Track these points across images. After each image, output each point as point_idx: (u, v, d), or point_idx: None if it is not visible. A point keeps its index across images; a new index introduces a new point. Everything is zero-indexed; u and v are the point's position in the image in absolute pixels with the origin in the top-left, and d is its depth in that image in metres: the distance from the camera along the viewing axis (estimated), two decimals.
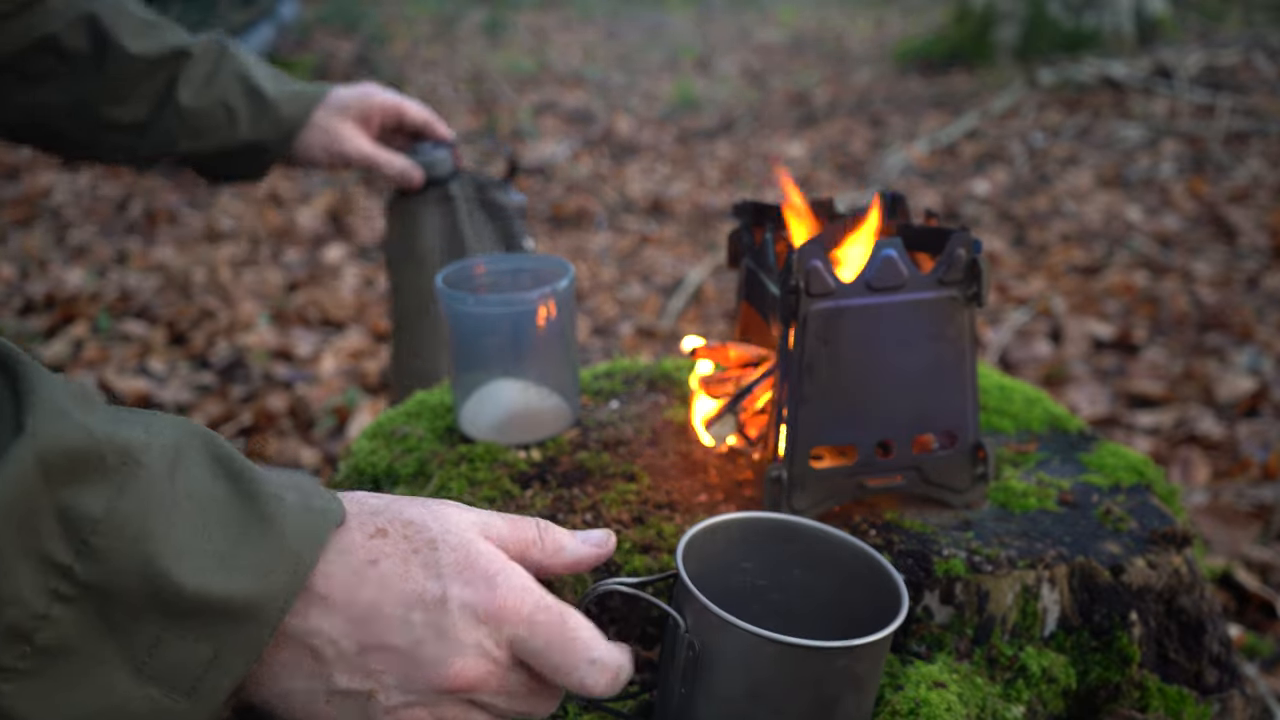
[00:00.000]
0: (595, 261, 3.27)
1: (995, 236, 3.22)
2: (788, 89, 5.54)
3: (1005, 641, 0.83)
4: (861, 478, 0.89)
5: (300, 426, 2.23)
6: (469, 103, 5.24)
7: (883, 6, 8.21)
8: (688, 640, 0.66)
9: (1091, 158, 3.89)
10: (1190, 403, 2.14)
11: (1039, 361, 2.37)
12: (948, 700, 0.75)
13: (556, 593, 0.80)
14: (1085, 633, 0.84)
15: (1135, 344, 2.43)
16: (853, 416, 0.87)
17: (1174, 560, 0.87)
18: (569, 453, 0.99)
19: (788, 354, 0.86)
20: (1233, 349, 2.36)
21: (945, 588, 0.83)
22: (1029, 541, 0.86)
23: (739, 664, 0.65)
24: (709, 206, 3.72)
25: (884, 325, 0.85)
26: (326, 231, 3.49)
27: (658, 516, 0.88)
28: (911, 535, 0.87)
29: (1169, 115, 4.22)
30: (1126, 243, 3.07)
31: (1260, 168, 3.59)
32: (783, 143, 4.43)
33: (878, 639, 0.65)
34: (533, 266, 1.05)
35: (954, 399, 0.88)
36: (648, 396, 1.11)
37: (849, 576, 0.74)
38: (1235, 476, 1.84)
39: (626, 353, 2.54)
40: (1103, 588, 0.84)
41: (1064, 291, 2.75)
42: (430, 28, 7.45)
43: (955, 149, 4.20)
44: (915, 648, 0.82)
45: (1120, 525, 0.89)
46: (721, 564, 0.74)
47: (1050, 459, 1.00)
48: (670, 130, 4.78)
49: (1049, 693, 0.82)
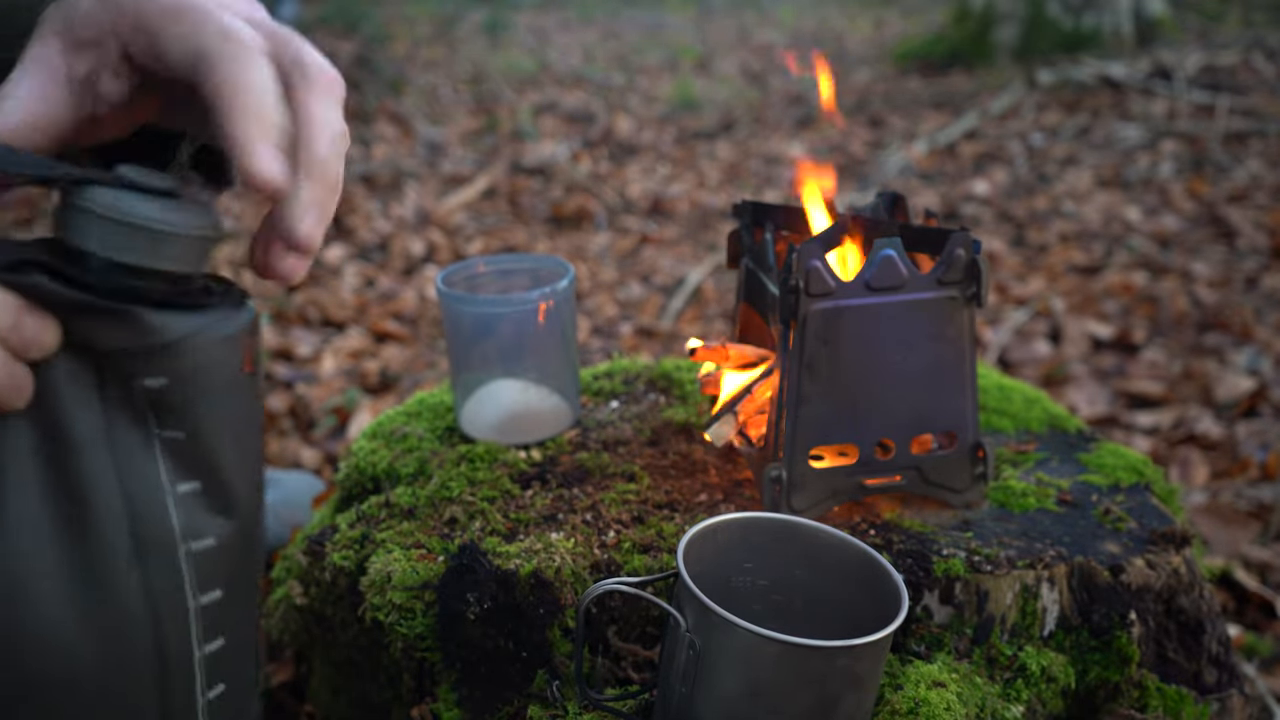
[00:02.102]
0: (595, 261, 3.28)
1: (994, 237, 3.23)
2: (787, 89, 5.54)
3: (1005, 641, 0.83)
4: (861, 477, 0.89)
5: (301, 426, 2.23)
6: (469, 103, 5.25)
7: (882, 7, 8.21)
8: (688, 640, 0.67)
9: (1091, 158, 3.89)
10: (1189, 403, 2.14)
11: (1038, 361, 2.37)
12: (947, 700, 0.75)
13: (552, 591, 0.80)
14: (1084, 632, 0.84)
15: (1134, 344, 2.43)
16: (852, 416, 0.87)
17: (1173, 560, 0.87)
18: (569, 453, 0.99)
19: (787, 354, 0.86)
20: (1232, 349, 2.36)
21: (945, 587, 0.83)
22: (1028, 541, 0.87)
23: (740, 663, 0.65)
24: (709, 206, 3.73)
25: (884, 325, 0.85)
26: (327, 231, 3.49)
27: (658, 516, 0.88)
28: (911, 535, 0.87)
29: (1168, 116, 4.22)
30: (1126, 243, 3.07)
31: (1259, 168, 3.59)
32: (782, 143, 4.44)
33: (878, 638, 0.65)
34: (532, 266, 1.05)
35: (953, 399, 0.88)
36: (648, 396, 1.12)
37: (849, 576, 0.74)
38: (1234, 476, 1.84)
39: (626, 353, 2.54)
40: (1102, 587, 0.84)
41: (1063, 291, 2.75)
42: (430, 28, 7.45)
43: (955, 149, 4.20)
44: (915, 647, 0.82)
45: (1119, 525, 0.90)
46: (722, 564, 0.75)
47: (1049, 459, 1.00)
48: (670, 130, 4.78)
49: (1048, 692, 0.82)
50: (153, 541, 0.50)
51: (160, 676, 0.52)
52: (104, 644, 0.50)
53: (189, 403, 0.51)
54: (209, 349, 0.51)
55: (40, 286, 0.46)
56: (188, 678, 0.53)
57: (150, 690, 0.52)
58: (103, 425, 0.49)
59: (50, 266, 0.47)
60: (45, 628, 0.48)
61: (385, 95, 5.01)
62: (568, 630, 0.80)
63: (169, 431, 0.51)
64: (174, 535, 0.51)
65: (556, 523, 0.87)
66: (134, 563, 0.50)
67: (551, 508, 0.90)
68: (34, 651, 0.48)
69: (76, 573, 0.49)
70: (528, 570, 0.80)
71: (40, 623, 0.48)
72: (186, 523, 0.52)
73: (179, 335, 0.50)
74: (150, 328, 0.49)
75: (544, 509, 0.90)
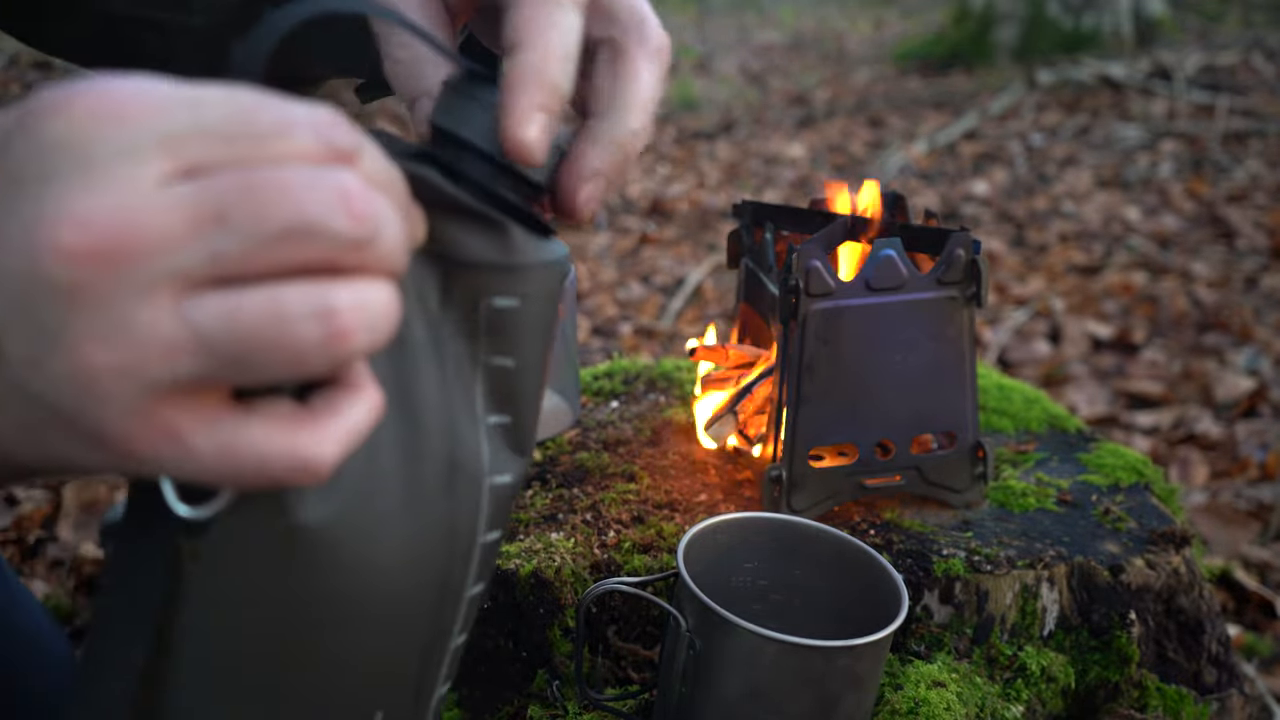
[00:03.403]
0: (595, 261, 3.27)
1: (994, 237, 3.23)
2: (787, 89, 5.54)
3: (1004, 641, 0.83)
4: (861, 477, 0.89)
5: None
6: None
7: (882, 7, 8.21)
8: (689, 640, 0.67)
9: (1091, 158, 3.89)
10: (1189, 403, 2.14)
11: (1038, 361, 2.37)
12: (947, 700, 0.75)
13: (552, 590, 0.80)
14: (1084, 632, 0.84)
15: (1134, 344, 2.43)
16: (852, 416, 0.87)
17: (1173, 560, 0.87)
18: (569, 453, 0.99)
19: (787, 354, 0.86)
20: (1231, 349, 2.36)
21: (944, 587, 0.83)
22: (1028, 541, 0.87)
23: (740, 663, 0.65)
24: (709, 206, 3.73)
25: (883, 325, 0.85)
26: None
27: (658, 516, 0.88)
28: (911, 535, 0.87)
29: (1168, 116, 4.22)
30: (1125, 243, 3.07)
31: (1259, 168, 3.59)
32: (782, 143, 4.44)
33: (878, 639, 0.65)
34: None
35: (953, 399, 0.88)
36: (648, 396, 1.12)
37: (849, 576, 0.74)
38: (1234, 476, 1.84)
39: (626, 353, 2.54)
40: (1102, 587, 0.84)
41: (1063, 291, 2.75)
42: None
43: (954, 149, 4.20)
44: (915, 647, 0.82)
45: (1119, 525, 0.90)
46: (722, 564, 0.75)
47: (1049, 459, 1.00)
48: (670, 130, 4.78)
49: (1048, 692, 0.82)
50: (465, 470, 0.46)
51: (435, 609, 0.48)
52: (408, 573, 0.45)
53: (527, 331, 0.47)
54: (555, 279, 0.47)
55: (430, 180, 0.42)
56: (452, 618, 0.49)
57: (423, 624, 0.48)
58: (434, 338, 0.45)
59: (441, 161, 0.43)
60: (375, 550, 0.43)
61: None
62: (568, 630, 0.80)
63: (498, 358, 0.47)
64: (483, 467, 0.47)
65: (556, 522, 0.87)
66: (444, 490, 0.45)
67: (551, 507, 0.90)
68: (363, 569, 0.43)
69: (404, 489, 0.44)
70: (528, 570, 0.80)
71: (373, 544, 0.43)
72: (492, 456, 0.48)
73: (539, 259, 0.46)
74: (517, 246, 0.45)
75: (544, 509, 0.90)
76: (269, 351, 0.32)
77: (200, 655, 0.41)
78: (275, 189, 0.32)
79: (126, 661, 0.40)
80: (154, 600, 0.40)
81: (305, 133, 0.34)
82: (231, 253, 0.32)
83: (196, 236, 0.32)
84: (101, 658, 0.41)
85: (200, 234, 0.32)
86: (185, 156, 0.32)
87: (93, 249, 0.31)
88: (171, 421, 0.33)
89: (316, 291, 0.33)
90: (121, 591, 0.41)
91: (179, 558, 0.39)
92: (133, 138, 0.32)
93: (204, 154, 0.32)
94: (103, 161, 0.31)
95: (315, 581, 0.42)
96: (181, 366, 0.32)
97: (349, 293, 0.33)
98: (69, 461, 0.34)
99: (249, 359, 0.32)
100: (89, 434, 0.33)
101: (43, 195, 0.31)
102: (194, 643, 0.41)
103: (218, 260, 0.32)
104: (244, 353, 0.32)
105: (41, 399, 0.32)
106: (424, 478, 0.44)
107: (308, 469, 0.35)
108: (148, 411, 0.32)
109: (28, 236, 0.31)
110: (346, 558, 0.42)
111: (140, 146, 0.32)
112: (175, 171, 0.32)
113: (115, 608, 0.41)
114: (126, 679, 0.40)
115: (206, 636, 0.41)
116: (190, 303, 0.32)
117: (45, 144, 0.32)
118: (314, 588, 0.42)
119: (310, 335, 0.32)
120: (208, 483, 0.35)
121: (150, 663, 0.40)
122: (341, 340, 0.33)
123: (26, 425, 0.33)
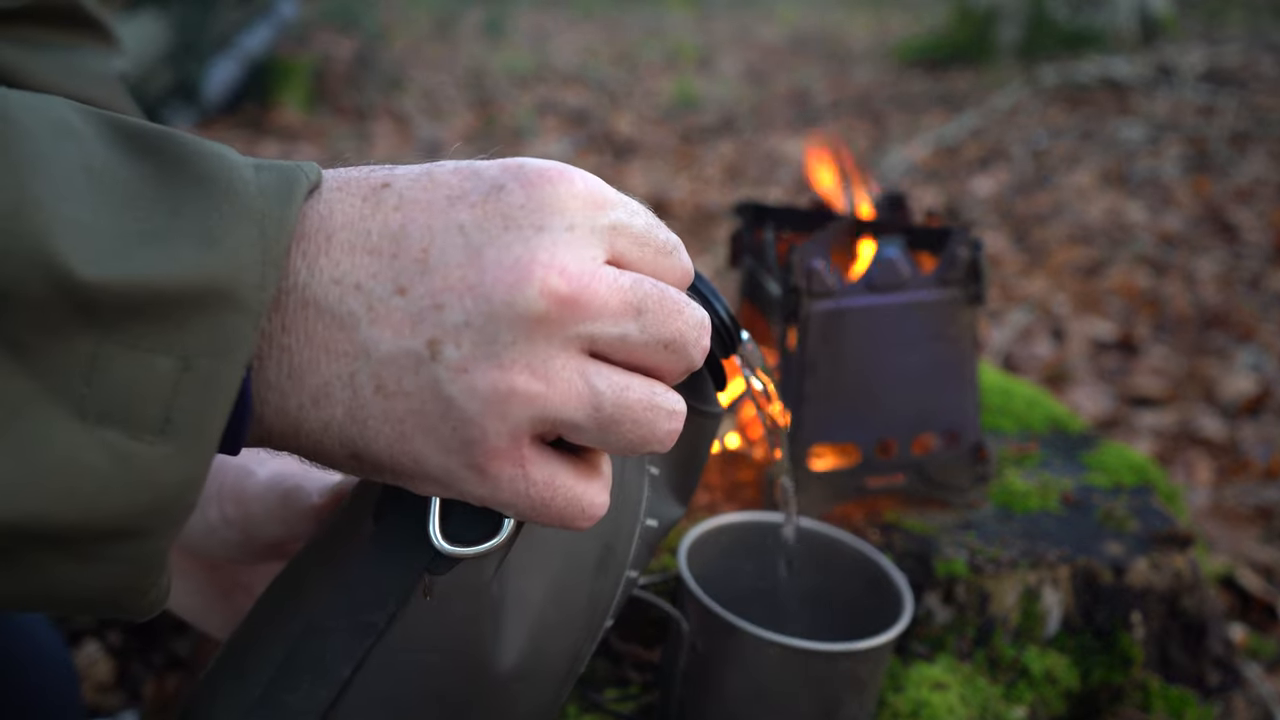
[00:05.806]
0: None
1: (997, 236, 3.22)
2: (789, 88, 5.53)
3: (1007, 642, 0.83)
4: (862, 478, 0.88)
5: None
6: (469, 102, 5.24)
7: (884, 5, 8.21)
8: (690, 642, 0.66)
9: (1093, 157, 3.88)
10: (1192, 403, 2.13)
11: (1040, 361, 2.37)
12: (949, 701, 0.75)
13: None
14: (1087, 634, 0.84)
15: (1137, 344, 2.42)
16: (854, 416, 0.87)
17: (1176, 561, 0.86)
18: None
19: (788, 354, 0.85)
20: (1235, 349, 2.35)
21: (947, 588, 0.82)
22: (1031, 542, 0.86)
23: (741, 666, 0.65)
24: (710, 206, 3.72)
25: (885, 325, 0.85)
26: None
27: None
28: (913, 536, 0.86)
29: (1171, 114, 4.22)
30: (1129, 242, 3.07)
31: (1263, 167, 3.59)
32: (783, 142, 4.43)
33: (881, 643, 0.64)
34: None
35: (955, 399, 0.88)
36: None
37: (851, 578, 0.74)
38: (1238, 477, 1.84)
39: None
40: (1105, 589, 0.84)
41: (1066, 291, 2.74)
42: (430, 26, 7.45)
43: (957, 148, 4.20)
44: (917, 648, 0.82)
45: (1122, 526, 0.89)
46: (724, 566, 0.74)
47: (1052, 459, 1.00)
48: (671, 129, 4.78)
49: (1051, 694, 0.82)
50: (616, 556, 0.51)
51: (569, 673, 0.52)
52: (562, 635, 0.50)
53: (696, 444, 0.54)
54: (720, 421, 0.55)
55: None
56: (583, 658, 0.53)
57: (563, 664, 0.51)
58: None
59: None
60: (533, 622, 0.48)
61: (385, 93, 5.01)
62: None
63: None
64: (639, 511, 0.52)
65: None
66: (595, 570, 0.50)
67: None
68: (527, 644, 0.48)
69: (563, 565, 0.49)
70: None
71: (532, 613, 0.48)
72: (650, 500, 0.53)
73: (720, 412, 0.53)
74: (710, 397, 0.52)
75: None
76: (634, 428, 0.40)
77: (379, 690, 0.44)
78: (675, 306, 0.41)
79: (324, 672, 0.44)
80: (376, 622, 0.43)
81: (683, 256, 0.43)
82: (634, 340, 0.40)
83: (621, 316, 0.39)
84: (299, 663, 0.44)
85: (624, 315, 0.39)
86: (617, 247, 0.40)
87: (567, 296, 0.38)
88: (528, 450, 0.39)
89: (672, 393, 0.42)
90: (341, 596, 0.44)
91: (414, 588, 0.43)
92: (601, 220, 0.40)
93: (624, 249, 0.41)
94: (582, 231, 0.39)
95: (489, 644, 0.46)
96: (571, 412, 0.39)
97: (678, 396, 0.42)
98: (413, 458, 0.39)
99: (617, 429, 0.40)
100: (461, 440, 0.38)
101: (536, 242, 0.38)
102: (376, 675, 0.44)
103: (624, 341, 0.40)
104: (618, 422, 0.40)
105: (449, 400, 0.38)
106: (583, 555, 0.50)
107: (586, 514, 0.41)
108: (520, 436, 0.39)
109: (518, 269, 0.38)
110: (511, 624, 0.47)
111: (602, 228, 0.40)
112: (608, 254, 0.40)
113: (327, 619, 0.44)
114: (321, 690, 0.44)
115: (390, 672, 0.45)
116: (592, 367, 0.39)
117: (544, 203, 0.39)
118: (486, 649, 0.46)
119: (665, 427, 0.41)
120: (511, 510, 0.40)
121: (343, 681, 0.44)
122: (676, 434, 0.42)
123: (407, 418, 0.39)
